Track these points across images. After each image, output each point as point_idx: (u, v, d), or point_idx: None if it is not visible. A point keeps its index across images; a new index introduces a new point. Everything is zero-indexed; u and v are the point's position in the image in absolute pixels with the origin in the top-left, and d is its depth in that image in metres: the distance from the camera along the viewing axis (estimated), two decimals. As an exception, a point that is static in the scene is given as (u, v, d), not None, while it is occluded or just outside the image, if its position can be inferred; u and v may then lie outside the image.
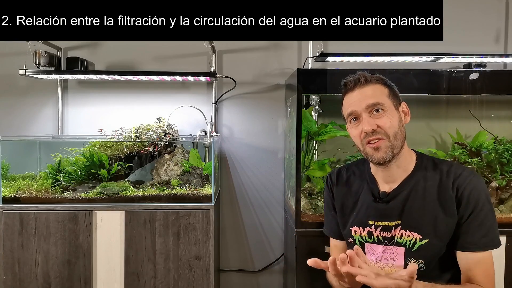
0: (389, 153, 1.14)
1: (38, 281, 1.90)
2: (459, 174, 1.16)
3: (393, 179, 1.21)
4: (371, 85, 1.17)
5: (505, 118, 2.34)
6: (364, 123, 1.14)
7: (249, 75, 2.44)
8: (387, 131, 1.13)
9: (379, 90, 1.16)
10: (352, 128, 1.20)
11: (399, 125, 1.16)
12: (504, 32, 2.41)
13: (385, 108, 1.15)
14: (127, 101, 2.42)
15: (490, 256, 1.12)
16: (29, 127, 2.41)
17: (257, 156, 2.46)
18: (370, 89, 1.16)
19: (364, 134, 1.15)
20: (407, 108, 1.22)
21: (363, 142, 1.17)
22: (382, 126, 1.13)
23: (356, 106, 1.16)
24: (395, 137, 1.14)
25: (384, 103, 1.15)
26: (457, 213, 1.13)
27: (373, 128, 1.13)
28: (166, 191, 2.04)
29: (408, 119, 1.22)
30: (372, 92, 1.16)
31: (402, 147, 1.17)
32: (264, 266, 2.49)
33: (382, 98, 1.15)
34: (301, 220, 1.82)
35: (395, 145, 1.14)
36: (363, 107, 1.15)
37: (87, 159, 2.10)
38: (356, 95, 1.17)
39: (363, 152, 1.19)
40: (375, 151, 1.15)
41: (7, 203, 1.94)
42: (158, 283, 1.94)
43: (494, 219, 1.14)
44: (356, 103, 1.16)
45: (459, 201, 1.14)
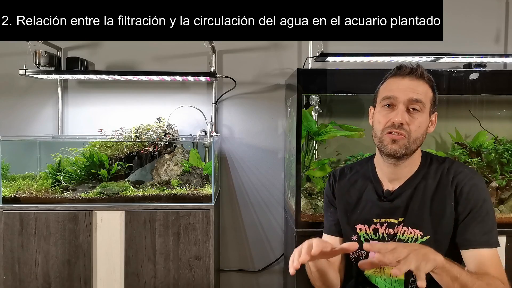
0: (402, 150, 1.13)
1: (38, 281, 1.90)
2: (459, 171, 1.16)
3: (398, 177, 1.21)
4: (423, 82, 1.15)
5: (505, 118, 2.34)
6: (398, 114, 1.12)
7: (249, 75, 2.44)
8: (411, 132, 1.12)
9: (427, 91, 1.15)
10: (381, 112, 1.17)
11: (424, 132, 1.15)
12: (504, 32, 2.41)
13: (422, 110, 1.13)
14: (127, 101, 2.42)
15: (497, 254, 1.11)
16: (29, 127, 2.41)
17: (257, 156, 2.46)
18: (421, 85, 1.14)
19: (391, 123, 1.13)
20: (436, 119, 1.21)
21: (384, 129, 1.15)
22: (411, 125, 1.12)
23: (401, 94, 1.13)
24: (414, 141, 1.13)
25: (425, 105, 1.13)
26: (456, 211, 1.13)
27: (404, 121, 1.11)
28: (166, 191, 2.04)
29: (432, 130, 1.20)
30: (422, 89, 1.14)
31: (415, 151, 1.17)
32: (264, 266, 2.49)
33: (425, 100, 1.14)
34: (301, 220, 1.82)
35: (411, 147, 1.13)
36: (407, 98, 1.12)
37: (87, 159, 2.10)
38: (405, 82, 1.14)
39: (379, 139, 1.16)
40: (393, 142, 1.13)
41: (7, 203, 1.94)
42: (158, 283, 1.94)
43: (494, 218, 1.13)
44: (402, 91, 1.13)
45: (458, 198, 1.14)
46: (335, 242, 1.32)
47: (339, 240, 1.32)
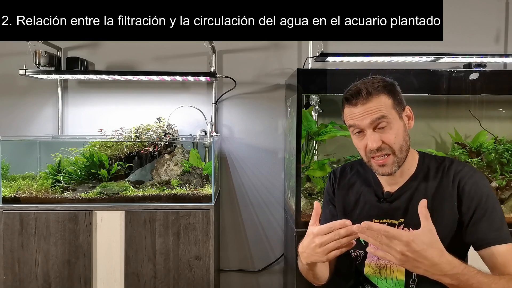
0: (395, 167, 1.13)
1: (38, 281, 1.90)
2: (459, 170, 1.15)
3: (396, 182, 1.21)
4: (374, 97, 1.11)
5: (505, 118, 2.34)
6: (369, 140, 1.11)
7: (249, 75, 2.44)
8: (392, 146, 1.11)
9: (383, 102, 1.12)
10: (356, 139, 1.17)
11: (404, 135, 1.14)
12: (504, 32, 2.41)
13: (390, 121, 1.11)
14: (127, 101, 2.42)
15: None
16: (29, 127, 2.41)
17: (257, 156, 2.46)
18: (374, 101, 1.11)
19: (369, 150, 1.12)
20: (411, 111, 1.19)
21: (368, 155, 1.15)
22: (388, 142, 1.11)
23: (359, 121, 1.12)
24: (400, 150, 1.12)
25: (388, 115, 1.11)
26: (460, 211, 1.12)
27: (378, 145, 1.10)
28: (166, 191, 2.04)
29: (412, 124, 1.19)
30: (376, 106, 1.11)
31: (406, 157, 1.16)
32: (264, 266, 2.49)
33: (386, 111, 1.11)
34: (301, 220, 1.82)
35: (400, 158, 1.13)
36: (367, 122, 1.11)
37: (87, 159, 2.10)
38: (358, 110, 1.12)
39: (368, 164, 1.17)
40: (381, 167, 1.13)
41: (7, 203, 1.94)
42: (158, 283, 1.94)
43: (502, 212, 1.10)
44: (359, 118, 1.12)
45: (461, 197, 1.12)
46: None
47: None
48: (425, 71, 1.85)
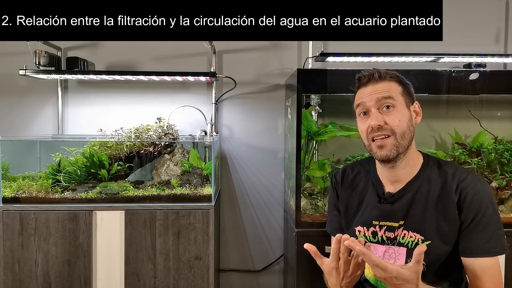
0: (393, 151, 1.13)
1: (38, 281, 1.90)
2: (463, 178, 1.15)
3: (399, 179, 1.21)
4: (385, 81, 1.16)
5: (505, 118, 2.34)
6: (372, 118, 1.14)
7: (249, 75, 2.44)
8: (394, 128, 1.12)
9: (393, 86, 1.16)
10: (360, 122, 1.20)
11: (408, 125, 1.15)
12: (504, 32, 2.41)
13: (396, 105, 1.14)
14: (127, 101, 2.42)
15: (496, 263, 1.09)
16: (29, 127, 2.41)
17: (257, 156, 2.46)
18: (385, 84, 1.16)
19: (371, 129, 1.14)
20: (419, 108, 1.21)
21: (368, 137, 1.16)
22: (390, 123, 1.12)
23: (367, 99, 1.16)
24: (402, 136, 1.13)
25: (395, 98, 1.14)
26: (459, 218, 1.12)
27: (379, 123, 1.12)
28: (166, 191, 2.04)
29: (419, 119, 1.21)
30: (386, 87, 1.15)
31: (409, 147, 1.16)
32: (264, 266, 2.49)
33: (394, 94, 1.14)
34: (301, 220, 1.82)
35: (401, 143, 1.13)
36: (374, 100, 1.14)
37: (87, 159, 2.10)
38: (368, 90, 1.16)
39: (368, 148, 1.18)
40: (379, 149, 1.14)
41: (7, 203, 1.94)
42: (158, 283, 1.94)
43: (499, 225, 1.11)
44: (367, 96, 1.16)
45: (461, 205, 1.12)
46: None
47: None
48: (425, 71, 1.85)
